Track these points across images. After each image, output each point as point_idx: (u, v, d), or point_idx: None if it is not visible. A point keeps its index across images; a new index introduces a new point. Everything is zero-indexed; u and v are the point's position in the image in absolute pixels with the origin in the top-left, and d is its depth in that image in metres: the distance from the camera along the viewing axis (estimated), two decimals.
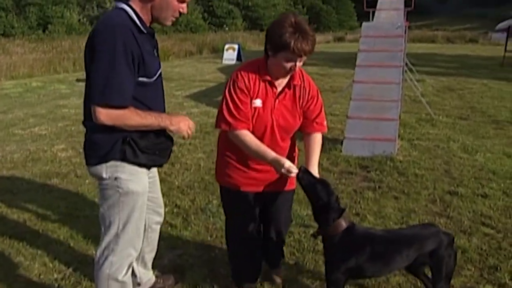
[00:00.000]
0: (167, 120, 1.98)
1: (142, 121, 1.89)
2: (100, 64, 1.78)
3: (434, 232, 2.26)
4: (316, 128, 2.35)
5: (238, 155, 2.32)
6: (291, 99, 2.26)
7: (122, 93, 1.79)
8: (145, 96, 1.94)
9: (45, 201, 4.01)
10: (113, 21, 1.82)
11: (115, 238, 2.02)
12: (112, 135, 1.90)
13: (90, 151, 1.97)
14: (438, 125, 6.88)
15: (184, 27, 32.69)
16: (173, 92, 10.35)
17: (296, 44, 2.01)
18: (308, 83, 2.30)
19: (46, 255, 3.08)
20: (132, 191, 1.99)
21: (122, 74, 1.78)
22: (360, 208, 3.85)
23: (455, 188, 4.28)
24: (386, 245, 2.18)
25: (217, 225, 3.55)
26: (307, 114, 2.31)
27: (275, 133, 2.26)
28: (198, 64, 17.05)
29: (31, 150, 5.60)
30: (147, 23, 1.94)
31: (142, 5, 1.90)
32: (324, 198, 2.09)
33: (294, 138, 2.43)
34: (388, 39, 6.52)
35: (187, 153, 5.55)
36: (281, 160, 2.13)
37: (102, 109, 1.79)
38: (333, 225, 2.12)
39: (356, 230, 2.17)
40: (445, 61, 17.59)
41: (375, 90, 5.87)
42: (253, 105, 2.20)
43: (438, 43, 30.84)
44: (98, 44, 1.79)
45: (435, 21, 53.04)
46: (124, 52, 1.77)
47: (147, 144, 1.98)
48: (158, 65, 2.03)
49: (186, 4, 1.97)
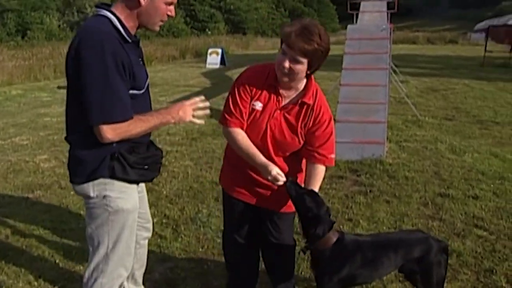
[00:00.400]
0: (167, 115, 1.87)
1: (147, 124, 1.81)
2: (92, 81, 1.67)
3: (422, 238, 2.22)
4: (317, 159, 2.10)
5: (236, 160, 2.23)
6: (295, 116, 2.08)
7: (123, 106, 1.71)
8: (136, 109, 1.82)
9: (29, 215, 3.87)
10: (98, 30, 1.71)
11: (104, 258, 1.92)
12: (99, 151, 1.79)
13: (76, 169, 1.86)
14: (424, 126, 6.90)
15: (166, 31, 32.42)
16: (157, 98, 10.19)
17: (293, 36, 1.88)
18: (320, 106, 2.09)
19: (31, 273, 2.95)
20: (122, 209, 1.89)
21: (118, 88, 1.69)
22: (353, 213, 3.81)
23: (445, 190, 4.27)
24: (374, 250, 2.13)
25: (208, 235, 3.47)
26: (310, 140, 2.10)
27: (267, 143, 2.11)
28: (182, 69, 16.89)
29: (12, 161, 5.42)
30: (132, 31, 1.83)
31: (127, 12, 1.78)
32: (313, 210, 2.01)
33: (299, 160, 2.22)
34: (373, 41, 6.54)
35: (174, 160, 5.44)
36: (269, 166, 2.03)
37: (107, 127, 1.69)
38: (323, 240, 2.04)
39: (346, 241, 2.10)
40: (427, 61, 17.78)
41: (362, 93, 5.86)
42: (253, 106, 2.09)
43: (419, 44, 31.22)
44: (85, 57, 1.67)
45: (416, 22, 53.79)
46: (115, 65, 1.67)
47: (136, 159, 1.87)
48: (145, 75, 1.94)
49: (174, 6, 1.86)
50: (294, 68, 1.95)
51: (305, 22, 1.94)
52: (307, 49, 1.89)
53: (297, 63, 1.94)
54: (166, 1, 1.80)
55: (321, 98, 2.11)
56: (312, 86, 2.10)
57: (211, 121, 7.59)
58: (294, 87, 2.09)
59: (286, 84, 2.06)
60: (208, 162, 5.36)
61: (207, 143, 6.23)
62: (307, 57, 1.92)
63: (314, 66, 1.99)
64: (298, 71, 1.96)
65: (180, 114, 1.89)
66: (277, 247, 2.38)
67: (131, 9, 1.78)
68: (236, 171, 2.27)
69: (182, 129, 7.02)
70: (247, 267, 2.54)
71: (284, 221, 2.33)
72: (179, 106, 1.91)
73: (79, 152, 1.82)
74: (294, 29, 1.91)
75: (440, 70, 14.71)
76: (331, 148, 2.13)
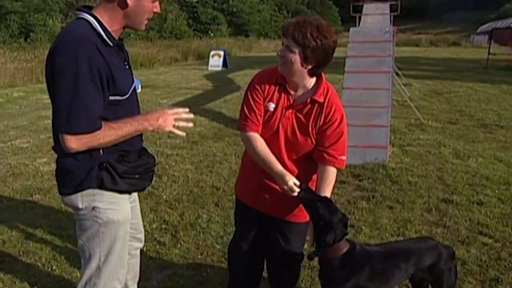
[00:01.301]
0: (144, 121, 1.77)
1: (118, 133, 1.71)
2: (63, 87, 1.60)
3: (432, 245, 2.18)
4: (326, 160, 2.03)
5: (251, 167, 2.18)
6: (306, 115, 2.03)
7: (89, 118, 1.62)
8: (119, 115, 1.75)
9: (27, 219, 3.82)
10: (74, 34, 1.64)
11: (96, 271, 1.85)
12: (87, 161, 1.72)
13: (63, 180, 1.79)
14: (428, 130, 6.84)
15: (169, 33, 32.49)
16: (159, 100, 10.18)
17: (290, 26, 1.90)
18: (331, 104, 2.02)
19: (27, 280, 2.90)
20: (113, 220, 1.82)
21: (87, 96, 1.60)
22: (355, 220, 3.75)
23: (449, 196, 4.20)
24: (384, 261, 2.08)
25: (207, 241, 3.41)
26: (321, 139, 2.03)
27: (280, 144, 2.05)
28: (184, 71, 16.87)
29: (11, 164, 5.38)
30: (116, 33, 1.75)
31: (111, 14, 1.70)
32: (326, 217, 1.95)
33: (313, 165, 2.12)
34: (376, 44, 6.48)
35: (175, 164, 5.39)
36: (287, 176, 1.99)
37: (71, 137, 1.62)
38: (333, 248, 1.99)
39: (356, 251, 2.04)
40: (430, 64, 17.72)
41: (364, 96, 5.80)
42: (266, 108, 2.06)
43: (422, 46, 31.16)
44: (59, 62, 1.60)
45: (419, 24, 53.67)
46: (89, 71, 1.59)
47: (126, 169, 1.79)
48: (131, 79, 1.85)
49: (159, 2, 1.79)
50: (287, 56, 1.93)
51: (307, 17, 1.94)
52: (297, 36, 1.87)
53: (289, 51, 1.92)
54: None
55: (332, 97, 2.05)
56: (323, 85, 2.05)
57: (212, 124, 7.57)
58: (300, 85, 2.03)
59: (293, 82, 2.02)
60: (209, 166, 5.31)
61: (208, 146, 6.18)
62: (299, 45, 1.89)
63: (310, 59, 1.92)
64: (290, 59, 1.92)
65: (159, 121, 1.79)
66: (284, 258, 2.32)
67: (116, 10, 1.71)
68: (250, 179, 2.22)
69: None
70: (250, 276, 2.48)
71: (294, 232, 2.26)
72: (159, 113, 1.81)
73: (66, 162, 1.75)
74: (294, 21, 1.93)
75: (443, 72, 14.65)
76: (342, 149, 2.06)
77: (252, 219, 2.28)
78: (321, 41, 1.89)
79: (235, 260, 2.49)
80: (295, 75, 1.99)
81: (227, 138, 6.58)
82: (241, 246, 2.38)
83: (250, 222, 2.31)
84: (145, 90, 11.75)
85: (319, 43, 1.89)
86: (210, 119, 7.94)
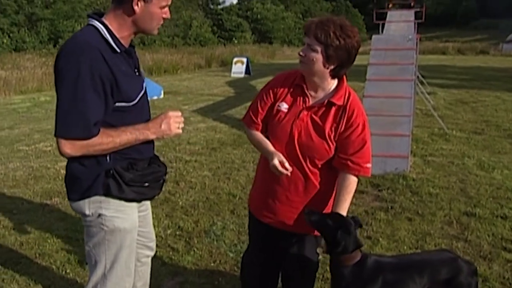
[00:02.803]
0: (145, 130, 1.76)
1: (116, 140, 1.69)
2: (63, 91, 1.61)
3: (450, 258, 2.08)
4: (351, 168, 1.94)
5: (262, 179, 2.15)
6: (322, 117, 1.96)
7: (84, 124, 1.62)
8: (126, 122, 1.74)
9: (45, 223, 3.87)
10: (78, 40, 1.65)
11: (102, 279, 1.84)
12: (94, 168, 1.72)
13: (71, 185, 1.79)
14: (451, 140, 6.66)
15: (194, 40, 32.86)
16: (180, 106, 10.26)
17: (312, 25, 1.86)
18: (353, 107, 1.94)
19: (41, 282, 2.94)
20: (119, 228, 1.81)
21: (86, 102, 1.60)
22: (372, 231, 3.66)
23: (472, 209, 4.06)
24: (397, 272, 2.00)
25: (221, 249, 3.38)
26: (344, 146, 1.95)
27: (295, 146, 1.97)
28: (207, 78, 17.00)
29: (34, 167, 5.49)
30: (125, 40, 1.75)
31: (120, 21, 1.71)
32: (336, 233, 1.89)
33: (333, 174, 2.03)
34: (399, 52, 6.37)
35: (192, 170, 5.40)
36: (273, 154, 1.93)
37: (66, 141, 1.63)
38: (344, 257, 1.93)
39: (368, 262, 1.98)
40: (457, 73, 17.33)
41: (386, 104, 5.70)
42: (278, 108, 2.01)
43: (448, 54, 30.53)
44: (61, 67, 1.62)
45: (446, 32, 52.71)
46: (90, 77, 1.59)
47: (134, 177, 1.78)
48: (140, 86, 1.84)
49: (168, 8, 1.79)
50: (309, 55, 1.88)
51: (331, 16, 1.91)
52: (320, 34, 1.83)
53: (311, 50, 1.87)
54: (160, 5, 1.72)
55: (354, 101, 1.98)
56: (343, 88, 1.98)
57: (232, 131, 7.57)
58: (320, 86, 1.98)
59: (312, 82, 1.97)
60: (227, 173, 5.29)
61: (226, 153, 6.17)
62: (321, 43, 1.84)
63: (332, 58, 1.86)
64: (312, 58, 1.87)
65: (162, 128, 1.78)
66: (298, 269, 2.25)
67: (125, 17, 1.71)
68: (262, 192, 2.16)
69: (203, 139, 6.99)
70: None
71: (308, 242, 2.18)
72: (161, 119, 1.79)
73: (73, 168, 1.76)
74: (316, 20, 1.89)
75: (470, 81, 14.29)
76: (368, 156, 1.97)
77: (265, 232, 2.21)
78: (345, 40, 1.84)
79: (247, 272, 2.44)
80: (315, 75, 1.94)
81: (246, 145, 6.55)
82: (254, 259, 2.34)
83: (263, 235, 2.25)
84: (168, 96, 11.87)
85: (342, 42, 1.84)
86: (230, 126, 7.94)
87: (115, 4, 1.72)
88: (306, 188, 2.02)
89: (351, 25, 1.89)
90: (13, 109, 10.12)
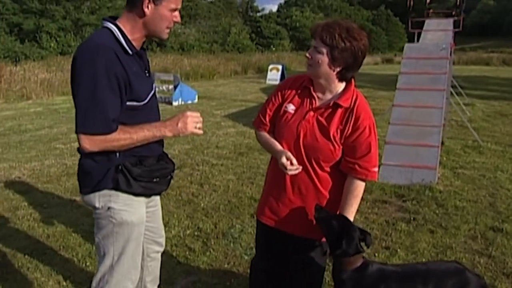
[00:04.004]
0: (162, 128, 1.84)
1: (134, 137, 1.78)
2: (81, 90, 1.71)
3: (456, 269, 2.00)
4: (358, 172, 1.94)
5: (269, 181, 2.19)
6: (328, 119, 1.96)
7: (103, 120, 1.71)
8: (136, 121, 1.83)
9: (71, 217, 4.05)
10: (93, 41, 1.75)
11: (110, 270, 1.93)
12: (104, 163, 1.81)
13: (83, 180, 1.89)
14: (485, 153, 6.43)
15: (232, 47, 33.26)
16: (213, 111, 10.42)
17: (319, 27, 1.90)
18: (361, 110, 1.94)
19: (62, 273, 3.07)
20: (127, 221, 1.89)
21: (103, 100, 1.69)
22: (391, 241, 3.59)
23: (499, 224, 3.91)
24: (400, 282, 1.96)
25: (236, 252, 3.42)
26: (351, 149, 1.95)
27: (300, 147, 1.98)
28: (242, 84, 17.17)
29: (67, 165, 5.74)
30: (138, 42, 1.84)
31: (132, 23, 1.80)
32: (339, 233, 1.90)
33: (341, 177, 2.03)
34: (431, 61, 6.22)
35: (218, 174, 5.47)
36: (281, 153, 1.94)
37: (86, 137, 1.72)
38: (345, 261, 1.93)
39: (369, 269, 1.95)
40: (499, 84, 16.69)
41: (415, 114, 5.58)
42: (285, 109, 2.05)
43: (492, 65, 29.45)
44: (78, 67, 1.72)
45: (491, 42, 50.92)
46: (106, 75, 1.68)
47: (142, 172, 1.86)
48: (150, 87, 1.92)
49: (179, 12, 1.86)
50: (314, 57, 1.91)
51: (338, 19, 1.92)
52: (325, 36, 1.85)
53: (317, 52, 1.90)
54: (170, 8, 1.80)
55: (362, 104, 1.97)
56: (351, 91, 1.99)
57: None
58: (328, 88, 1.99)
59: (319, 85, 1.99)
60: (251, 177, 5.33)
61: (253, 158, 6.22)
62: (326, 45, 1.86)
63: (338, 60, 1.87)
64: (317, 60, 1.90)
65: (179, 126, 1.84)
66: (305, 272, 2.23)
67: (136, 19, 1.79)
68: (270, 196, 2.17)
69: (231, 143, 7.07)
70: None
71: (314, 246, 2.17)
72: (178, 117, 1.86)
73: (86, 163, 1.85)
74: (323, 23, 1.92)
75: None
76: (375, 160, 1.96)
77: (269, 236, 2.22)
78: (350, 42, 1.85)
79: (255, 276, 2.45)
80: (322, 77, 1.96)
81: None
82: (260, 263, 2.36)
83: (268, 239, 2.26)
84: (201, 101, 12.09)
85: (348, 44, 1.85)
86: None
87: (128, 7, 1.82)
88: (310, 191, 2.03)
89: (359, 29, 1.89)
90: (55, 109, 10.59)
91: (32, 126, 8.50)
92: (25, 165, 5.79)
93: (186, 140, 7.28)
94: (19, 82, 12.89)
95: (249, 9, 52.01)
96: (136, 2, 1.77)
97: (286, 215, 2.10)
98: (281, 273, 2.33)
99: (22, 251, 3.38)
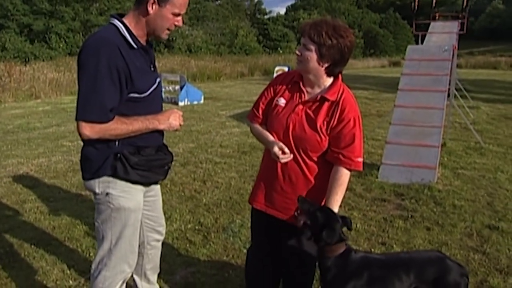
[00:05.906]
0: (155, 120, 1.98)
1: (129, 127, 1.90)
2: (83, 80, 1.82)
3: (437, 257, 2.07)
4: (342, 162, 2.04)
5: (262, 170, 2.30)
6: (315, 111, 2.07)
7: (100, 109, 1.82)
8: (138, 112, 1.94)
9: (77, 211, 4.16)
10: (98, 35, 1.87)
11: (108, 253, 2.04)
12: (104, 150, 1.93)
13: (84, 166, 2.01)
14: (487, 154, 6.47)
15: (239, 49, 33.41)
16: (218, 111, 10.54)
17: (307, 26, 1.99)
18: (346, 103, 2.05)
19: (66, 262, 3.18)
20: (124, 207, 1.99)
21: (103, 90, 1.80)
22: (387, 237, 3.66)
23: (496, 223, 3.97)
24: (383, 269, 2.03)
25: (235, 245, 3.51)
26: (336, 140, 2.05)
27: (289, 138, 2.09)
28: (248, 85, 17.29)
29: (74, 161, 5.87)
30: (142, 38, 1.96)
31: (137, 20, 1.92)
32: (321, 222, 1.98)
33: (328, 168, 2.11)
34: (433, 62, 6.28)
35: (221, 171, 5.57)
36: (273, 143, 2.04)
37: (85, 124, 1.83)
38: (328, 248, 2.00)
39: (353, 256, 2.03)
40: (506, 88, 16.65)
41: (416, 115, 5.65)
42: (276, 102, 2.16)
43: (500, 69, 29.34)
44: (83, 59, 1.83)
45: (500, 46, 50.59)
46: (108, 67, 1.79)
47: (139, 161, 1.97)
48: (153, 80, 2.03)
49: (181, 17, 1.97)
50: (304, 54, 2.01)
51: (325, 18, 2.02)
52: (313, 34, 1.95)
53: (306, 49, 2.00)
54: (174, 12, 1.91)
55: (347, 97, 2.08)
56: (338, 85, 2.10)
57: None
58: (316, 83, 2.10)
59: (308, 80, 2.10)
60: (253, 175, 5.41)
61: (256, 157, 6.31)
62: (314, 43, 1.96)
63: (326, 57, 1.98)
64: (306, 57, 2.00)
65: (170, 120, 2.02)
66: (297, 260, 2.33)
67: (140, 17, 1.92)
68: (262, 183, 2.27)
69: (235, 143, 7.17)
70: (264, 283, 2.52)
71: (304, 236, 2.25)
72: (169, 113, 2.03)
73: (87, 151, 1.97)
74: (311, 22, 2.02)
75: None
76: (358, 151, 2.06)
77: (262, 222, 2.32)
78: (337, 40, 1.96)
79: (250, 266, 2.54)
80: (311, 73, 2.07)
81: None
82: (256, 253, 2.44)
83: (263, 228, 2.35)
84: (207, 101, 12.21)
85: (335, 41, 1.96)
86: None
87: (135, 5, 1.95)
88: (299, 179, 2.12)
89: (345, 26, 2.00)
90: (62, 108, 10.77)
91: (40, 124, 8.67)
92: (33, 161, 5.94)
93: (190, 139, 7.40)
94: (28, 82, 13.12)
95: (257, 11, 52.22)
96: (142, 1, 1.90)
97: (278, 202, 2.20)
98: (275, 261, 2.42)
99: (29, 241, 3.50)
